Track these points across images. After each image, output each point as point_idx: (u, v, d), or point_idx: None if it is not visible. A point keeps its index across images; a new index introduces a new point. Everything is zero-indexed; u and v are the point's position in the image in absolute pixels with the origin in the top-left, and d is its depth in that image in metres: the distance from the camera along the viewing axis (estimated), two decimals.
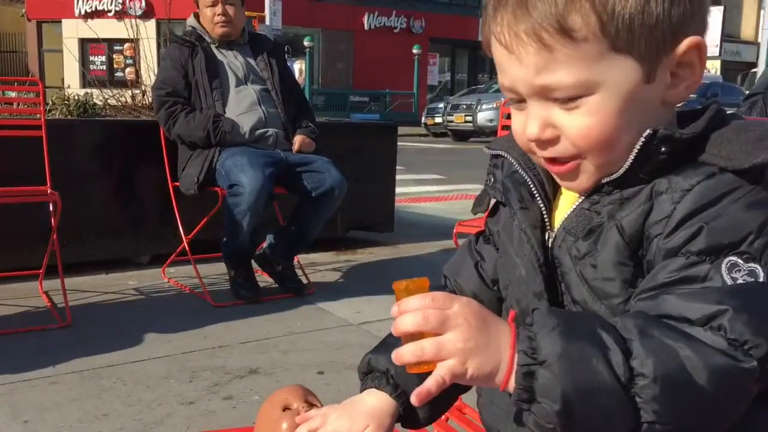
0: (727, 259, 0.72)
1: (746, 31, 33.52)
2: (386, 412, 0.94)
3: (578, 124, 0.78)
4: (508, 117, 3.35)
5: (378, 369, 0.97)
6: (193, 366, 2.54)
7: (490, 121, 16.74)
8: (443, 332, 0.72)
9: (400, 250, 4.54)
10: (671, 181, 0.77)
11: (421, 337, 0.73)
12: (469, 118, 17.66)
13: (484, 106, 17.37)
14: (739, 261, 0.72)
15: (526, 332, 0.71)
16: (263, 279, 3.55)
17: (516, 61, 0.78)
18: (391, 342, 0.99)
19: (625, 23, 0.75)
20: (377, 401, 0.94)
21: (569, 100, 0.78)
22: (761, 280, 0.72)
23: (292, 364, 2.60)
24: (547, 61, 0.76)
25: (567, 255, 0.84)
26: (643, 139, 0.77)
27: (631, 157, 0.79)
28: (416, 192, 7.54)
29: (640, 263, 0.79)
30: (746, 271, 0.72)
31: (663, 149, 0.77)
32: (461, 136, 18.14)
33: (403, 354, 0.73)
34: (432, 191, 7.89)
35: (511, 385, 0.71)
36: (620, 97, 0.77)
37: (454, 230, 3.02)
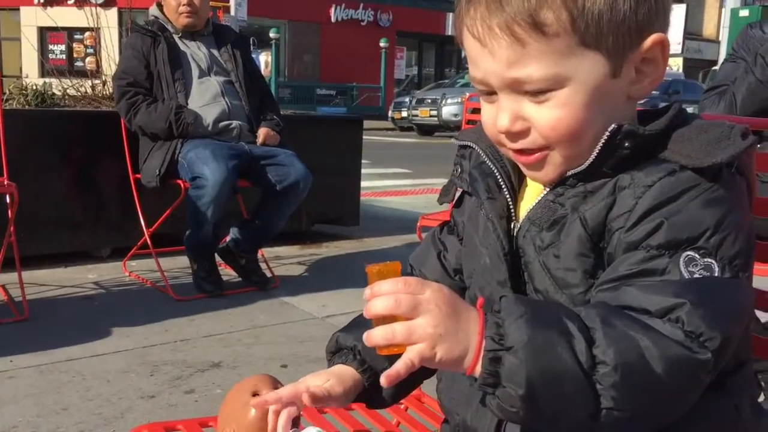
0: (685, 254, 0.75)
1: (708, 29, 34.19)
2: (350, 378, 0.96)
3: (548, 117, 0.80)
4: (473, 111, 3.39)
5: (346, 346, 0.99)
6: (154, 360, 2.52)
7: (455, 115, 16.78)
8: (414, 317, 0.73)
9: (364, 244, 4.55)
10: (634, 177, 0.79)
11: (392, 321, 0.74)
12: (434, 113, 17.70)
13: (449, 101, 17.41)
14: (696, 256, 0.74)
15: (493, 318, 0.73)
16: (226, 272, 3.53)
17: (488, 54, 0.80)
18: (360, 322, 1.01)
19: (594, 19, 0.78)
20: (343, 368, 0.97)
21: (539, 93, 0.80)
22: (716, 274, 0.74)
23: (256, 357, 2.58)
24: (519, 55, 0.78)
25: (531, 245, 0.85)
26: (608, 134, 0.80)
27: (596, 150, 0.81)
28: (382, 186, 7.55)
29: (601, 255, 0.81)
30: (702, 266, 0.74)
31: (626, 144, 0.80)
32: (426, 130, 18.17)
33: (374, 336, 0.74)
34: (397, 185, 7.90)
35: (478, 369, 0.73)
36: (588, 91, 0.80)
37: (418, 224, 3.03)
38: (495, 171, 0.91)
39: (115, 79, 3.48)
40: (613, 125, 0.80)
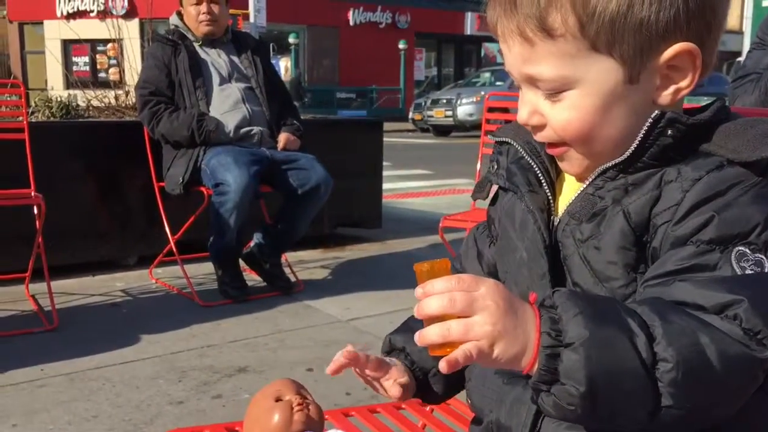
0: (736, 249, 0.74)
1: (731, 21, 33.69)
2: (409, 373, 0.98)
3: (559, 117, 0.82)
4: (490, 111, 3.36)
5: (396, 347, 1.01)
6: (181, 366, 2.54)
7: (471, 115, 16.70)
8: (471, 315, 0.71)
9: (387, 246, 4.55)
10: (681, 171, 0.79)
11: (444, 320, 0.72)
12: (449, 113, 17.63)
13: (464, 101, 17.33)
14: (747, 251, 0.74)
15: (548, 314, 0.72)
16: (251, 277, 3.55)
17: (507, 50, 0.84)
18: (411, 324, 1.03)
19: (606, 25, 0.78)
20: (401, 364, 0.99)
21: (553, 91, 0.81)
22: (767, 270, 0.74)
23: (281, 361, 2.60)
24: (530, 54, 0.81)
25: (570, 238, 0.85)
26: (650, 120, 0.79)
27: (637, 140, 0.80)
28: (403, 188, 7.55)
29: (643, 249, 0.80)
30: (753, 261, 0.74)
31: (669, 132, 0.79)
32: (442, 131, 18.11)
33: (428, 335, 0.72)
34: (419, 186, 7.89)
35: (534, 367, 0.71)
36: (599, 95, 0.80)
37: (440, 225, 3.02)
38: (534, 166, 0.91)
39: (137, 88, 3.52)
40: (656, 112, 0.80)
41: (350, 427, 1.16)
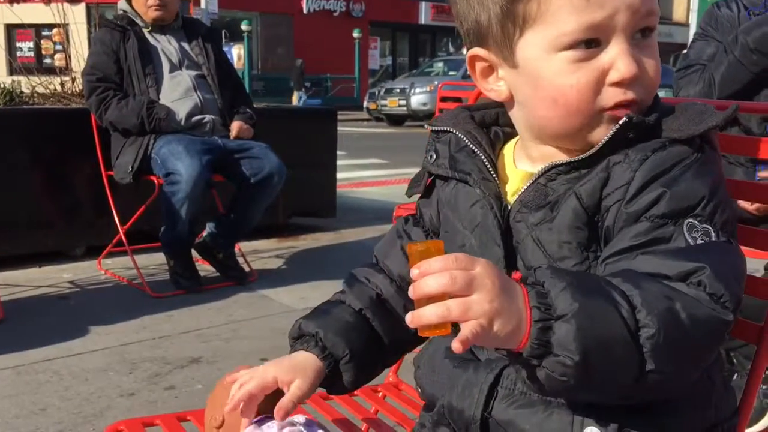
0: (686, 221, 0.79)
1: (678, 13, 34.50)
2: (312, 369, 0.96)
3: (652, 61, 0.85)
4: (444, 100, 3.36)
5: (308, 332, 0.99)
6: (132, 357, 2.50)
7: (424, 104, 16.75)
8: (470, 293, 0.71)
9: (342, 236, 4.55)
10: (627, 154, 0.82)
11: (440, 299, 0.71)
12: (403, 102, 17.65)
13: (417, 90, 17.37)
14: (696, 222, 0.79)
15: (535, 289, 0.73)
16: (204, 268, 3.51)
17: None
18: (323, 309, 1.02)
19: None
20: (306, 358, 0.97)
21: (651, 33, 0.83)
22: (713, 238, 0.79)
23: (235, 352, 2.58)
24: None
25: (523, 222, 0.87)
26: (619, 125, 0.82)
27: (603, 141, 0.83)
28: (358, 177, 7.55)
29: (595, 229, 0.84)
30: (702, 231, 0.78)
31: (630, 135, 0.82)
32: (395, 120, 18.13)
33: (426, 315, 0.71)
34: (374, 176, 7.90)
35: (527, 341, 0.72)
36: None
37: (394, 213, 3.04)
38: (481, 154, 0.92)
39: (85, 74, 3.43)
40: (624, 118, 0.81)
41: (304, 414, 1.16)
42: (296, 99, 20.47)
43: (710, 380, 0.86)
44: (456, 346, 0.70)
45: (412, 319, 0.72)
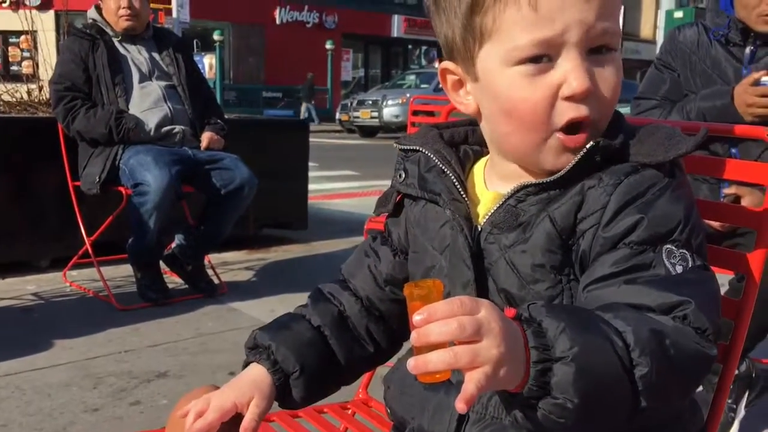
0: (665, 248, 0.79)
1: (645, 30, 35.15)
2: (266, 383, 0.95)
3: (610, 77, 0.84)
4: (416, 114, 3.37)
5: (261, 344, 0.97)
6: (97, 372, 2.45)
7: (396, 116, 16.83)
8: (478, 340, 0.68)
9: (313, 248, 4.53)
10: (601, 178, 0.82)
11: (442, 345, 0.68)
12: (375, 114, 17.71)
13: (389, 102, 17.45)
14: (673, 248, 0.79)
15: (532, 328, 0.71)
16: (172, 280, 3.47)
17: (588, 9, 0.80)
18: (282, 321, 1.01)
19: None
20: (259, 373, 0.96)
21: (609, 50, 0.83)
22: (690, 264, 0.79)
23: (203, 366, 2.55)
24: (604, 8, 0.80)
25: (495, 244, 0.86)
26: (586, 150, 0.82)
27: (571, 164, 0.83)
28: (330, 189, 7.53)
29: (568, 252, 0.83)
30: (679, 257, 0.79)
31: (597, 158, 0.83)
32: (368, 132, 18.17)
33: (431, 362, 0.68)
34: (345, 187, 7.89)
35: (526, 383, 0.70)
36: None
37: (366, 226, 3.03)
38: (451, 174, 0.91)
39: (52, 83, 3.37)
40: (591, 143, 0.82)
41: None
42: (303, 110, 20.68)
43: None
44: (461, 406, 0.67)
45: (416, 365, 0.68)
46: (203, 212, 3.38)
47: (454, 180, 0.91)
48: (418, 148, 0.95)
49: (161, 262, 3.37)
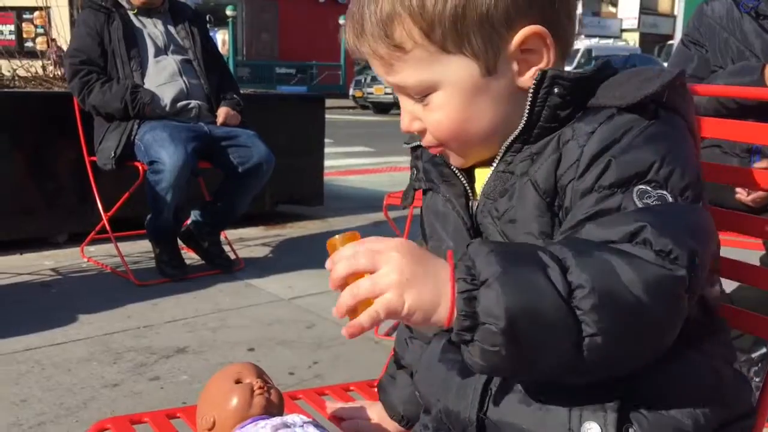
0: (636, 188, 0.75)
1: (663, 4, 34.61)
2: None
3: (431, 119, 0.86)
4: None
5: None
6: (116, 347, 2.45)
7: None
8: (377, 268, 0.72)
9: (329, 224, 4.51)
10: (575, 128, 0.80)
11: (368, 303, 0.72)
12: (389, 90, 17.55)
13: None
14: (648, 188, 0.75)
15: (463, 263, 0.71)
16: (189, 256, 3.46)
17: (373, 66, 0.88)
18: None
19: (448, 28, 0.81)
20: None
21: (421, 96, 0.85)
22: (670, 202, 0.75)
23: (222, 341, 2.54)
24: (389, 65, 0.85)
25: (489, 217, 0.86)
26: (534, 82, 0.81)
27: (527, 105, 0.81)
28: (345, 165, 7.50)
29: (556, 214, 0.81)
30: (656, 197, 0.74)
31: (556, 90, 0.81)
32: (381, 108, 18.05)
33: (341, 301, 0.73)
34: (360, 164, 7.86)
35: (453, 321, 0.70)
36: (462, 93, 0.83)
37: (384, 202, 3.00)
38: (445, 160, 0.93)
39: (67, 57, 3.35)
40: (538, 72, 0.81)
41: (301, 413, 1.13)
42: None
43: (716, 373, 0.81)
44: (343, 332, 0.72)
45: (336, 311, 0.74)
46: (220, 188, 3.36)
47: (452, 165, 0.92)
48: (418, 143, 0.96)
49: (178, 239, 3.36)
